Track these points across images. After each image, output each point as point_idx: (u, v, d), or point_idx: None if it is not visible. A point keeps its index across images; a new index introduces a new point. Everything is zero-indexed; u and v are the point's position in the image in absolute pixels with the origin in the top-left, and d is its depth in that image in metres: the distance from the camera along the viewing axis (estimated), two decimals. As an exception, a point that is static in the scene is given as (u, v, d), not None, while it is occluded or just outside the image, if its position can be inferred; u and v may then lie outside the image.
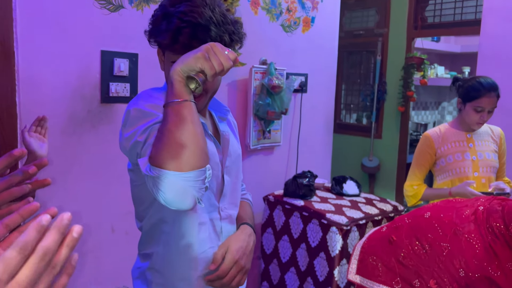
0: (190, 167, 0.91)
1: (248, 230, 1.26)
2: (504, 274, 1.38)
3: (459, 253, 1.47)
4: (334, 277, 2.27)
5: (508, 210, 1.48)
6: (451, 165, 2.34)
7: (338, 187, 2.72)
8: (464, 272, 1.44)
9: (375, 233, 1.85)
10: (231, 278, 1.15)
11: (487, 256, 1.41)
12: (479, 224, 1.49)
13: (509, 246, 1.42)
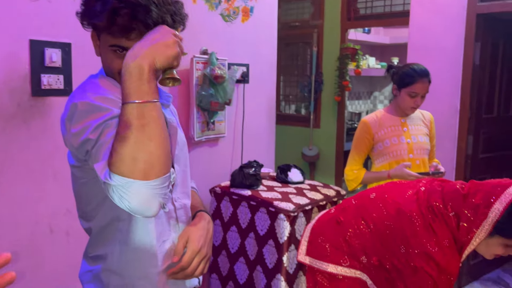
0: (156, 175, 0.85)
1: (206, 217, 1.24)
2: (441, 250, 1.46)
3: (401, 231, 1.54)
4: (283, 263, 2.30)
5: (447, 190, 1.57)
6: (388, 149, 2.45)
7: (283, 176, 2.75)
8: (404, 249, 1.51)
9: (324, 215, 1.90)
10: (195, 268, 1.12)
11: (426, 233, 1.49)
12: (420, 203, 1.57)
13: (446, 224, 1.51)
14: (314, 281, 1.80)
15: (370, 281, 1.63)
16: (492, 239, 1.45)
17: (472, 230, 1.45)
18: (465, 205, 1.47)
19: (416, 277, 1.46)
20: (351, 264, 1.68)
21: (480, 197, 1.45)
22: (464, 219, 1.47)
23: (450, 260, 1.45)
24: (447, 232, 1.48)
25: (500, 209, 1.40)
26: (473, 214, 1.45)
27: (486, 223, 1.42)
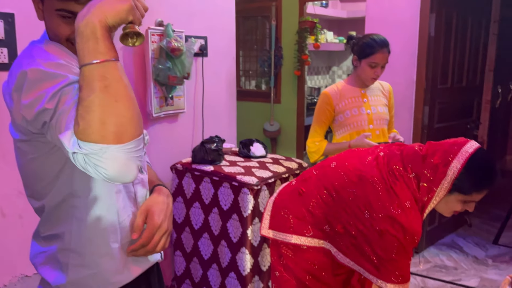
0: (130, 137, 0.81)
1: (165, 191, 1.19)
2: (404, 212, 1.49)
3: (364, 197, 1.55)
4: (248, 236, 2.30)
5: (406, 153, 1.60)
6: (348, 120, 2.47)
7: (246, 150, 2.73)
8: (368, 214, 1.53)
9: (286, 187, 1.89)
10: (156, 244, 1.08)
11: (388, 197, 1.52)
12: (380, 168, 1.59)
13: (407, 186, 1.54)
14: (279, 253, 1.81)
15: (334, 249, 1.65)
16: (451, 196, 1.49)
17: (432, 189, 1.49)
18: (424, 165, 1.51)
19: (382, 240, 1.48)
20: (315, 234, 1.69)
21: (438, 156, 1.48)
22: (424, 179, 1.50)
23: (413, 220, 1.49)
24: (408, 193, 1.52)
25: (458, 166, 1.44)
26: (432, 174, 1.48)
27: (445, 181, 1.46)
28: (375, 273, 1.52)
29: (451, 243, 3.83)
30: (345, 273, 1.71)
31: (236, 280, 2.38)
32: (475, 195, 1.48)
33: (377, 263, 1.50)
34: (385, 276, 1.50)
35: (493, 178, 1.48)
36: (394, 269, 1.48)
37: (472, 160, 1.45)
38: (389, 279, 1.49)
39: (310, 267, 1.72)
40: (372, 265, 1.52)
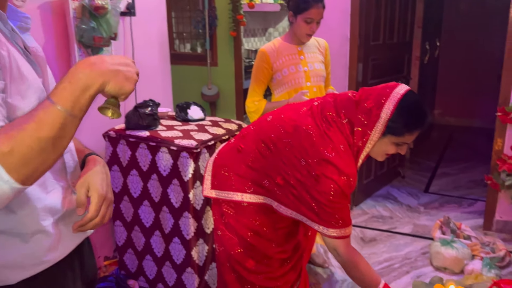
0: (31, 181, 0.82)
1: (99, 159, 1.11)
2: (338, 154, 1.51)
3: (299, 145, 1.56)
4: (190, 200, 2.25)
5: (339, 100, 1.61)
6: (286, 78, 2.45)
7: (183, 114, 2.64)
8: (304, 161, 1.54)
9: (225, 146, 1.86)
10: (104, 216, 1.01)
11: (322, 141, 1.53)
12: (314, 116, 1.60)
13: (340, 131, 1.55)
14: (220, 212, 1.79)
15: (275, 203, 1.65)
16: (384, 139, 1.53)
17: (366, 132, 1.51)
18: (358, 110, 1.53)
19: (319, 184, 1.50)
20: (255, 190, 1.69)
21: (371, 100, 1.51)
22: (358, 124, 1.52)
23: (347, 162, 1.51)
24: (342, 138, 1.53)
25: (391, 107, 1.47)
26: (366, 118, 1.51)
27: (379, 123, 1.49)
28: (316, 219, 1.54)
29: (386, 194, 4.03)
30: (286, 227, 1.73)
31: (180, 245, 2.34)
32: (407, 137, 1.53)
33: (317, 209, 1.52)
34: (325, 221, 1.53)
35: (424, 118, 1.52)
36: (334, 213, 1.51)
37: (403, 101, 1.48)
38: (330, 223, 1.52)
39: (251, 224, 1.72)
40: (312, 212, 1.54)
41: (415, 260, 2.92)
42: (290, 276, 1.80)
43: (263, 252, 1.73)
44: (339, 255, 1.59)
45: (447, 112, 6.62)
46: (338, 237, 1.55)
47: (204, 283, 2.40)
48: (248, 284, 1.76)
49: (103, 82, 0.84)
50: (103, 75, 0.84)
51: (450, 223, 3.07)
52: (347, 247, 1.58)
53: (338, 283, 2.69)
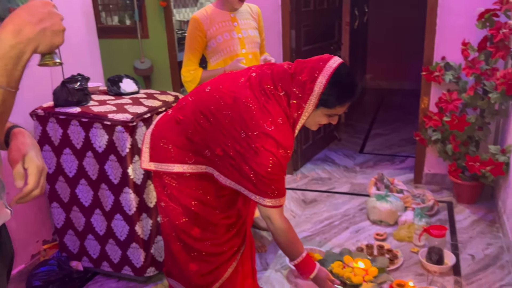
0: None
1: (26, 132, 1.07)
2: (277, 127, 1.54)
3: (239, 117, 1.57)
4: (129, 175, 2.21)
5: (276, 72, 1.63)
6: (221, 45, 2.43)
7: (115, 88, 2.54)
8: (244, 133, 1.55)
9: (162, 118, 1.83)
10: (43, 186, 0.99)
11: (262, 115, 1.55)
12: (253, 88, 1.61)
13: (278, 104, 1.58)
14: (162, 184, 1.77)
15: (216, 172, 1.67)
16: (317, 111, 1.58)
17: (301, 105, 1.55)
18: (293, 83, 1.56)
19: (259, 156, 1.52)
20: (196, 160, 1.68)
21: (305, 73, 1.54)
22: (294, 97, 1.56)
23: (285, 135, 1.55)
24: (280, 111, 1.56)
25: (323, 81, 1.52)
26: (301, 91, 1.54)
27: (312, 97, 1.53)
28: (254, 190, 1.58)
29: (324, 157, 4.18)
30: (228, 194, 1.75)
31: (123, 221, 2.30)
32: (339, 109, 1.59)
33: (255, 180, 1.56)
34: (262, 192, 1.57)
35: (354, 91, 1.58)
36: (270, 184, 1.55)
37: (336, 75, 1.53)
38: (266, 194, 1.57)
39: (194, 193, 1.72)
40: (250, 183, 1.58)
41: (353, 216, 3.07)
42: (235, 241, 1.83)
43: (208, 219, 1.74)
44: (272, 223, 1.65)
45: (378, 76, 6.90)
46: (273, 207, 1.61)
47: (150, 256, 2.38)
48: (195, 252, 1.78)
49: (33, 48, 0.83)
50: (30, 41, 0.82)
51: (383, 179, 3.25)
52: (280, 216, 1.65)
53: (283, 245, 2.79)
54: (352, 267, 2.34)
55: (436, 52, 3.18)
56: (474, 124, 3.01)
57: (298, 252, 1.71)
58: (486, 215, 3.02)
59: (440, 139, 3.21)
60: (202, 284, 1.81)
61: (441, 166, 3.42)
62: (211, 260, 1.79)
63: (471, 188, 3.11)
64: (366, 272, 2.29)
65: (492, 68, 2.88)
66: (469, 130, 3.02)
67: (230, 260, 1.82)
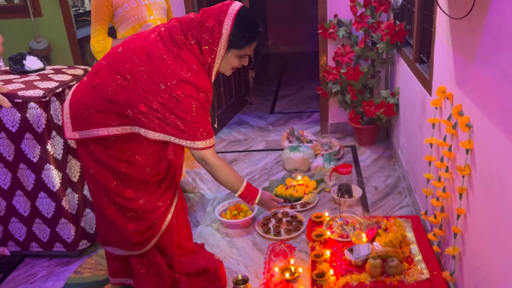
0: None
1: None
2: (193, 73, 1.66)
3: (156, 70, 1.66)
4: (49, 151, 2.19)
5: (184, 23, 1.72)
6: (129, 13, 2.45)
7: (19, 66, 2.45)
8: (164, 84, 1.65)
9: (78, 86, 1.84)
10: None
11: (177, 64, 1.65)
12: (164, 41, 1.70)
13: (191, 52, 1.69)
14: (88, 151, 1.81)
15: (142, 129, 1.73)
16: (228, 53, 1.71)
17: (213, 49, 1.68)
18: (202, 30, 1.67)
19: (181, 103, 1.64)
20: (120, 121, 1.74)
21: (212, 19, 1.66)
22: (205, 43, 1.67)
23: (203, 79, 1.68)
24: (193, 58, 1.68)
25: (230, 23, 1.65)
26: (210, 36, 1.66)
27: (222, 39, 1.66)
28: (183, 136, 1.69)
29: (238, 121, 4.37)
30: (157, 151, 1.83)
31: (48, 198, 2.29)
32: (247, 48, 1.73)
33: (183, 126, 1.67)
34: (192, 136, 1.69)
35: (258, 29, 1.73)
36: (198, 127, 1.68)
37: (239, 16, 1.67)
38: (196, 137, 1.69)
39: (122, 155, 1.79)
40: (179, 131, 1.68)
41: (271, 169, 3.32)
42: (167, 195, 1.94)
43: (140, 178, 1.82)
44: (207, 163, 1.78)
45: (279, 42, 7.20)
46: (205, 148, 1.73)
47: (81, 229, 2.40)
48: (131, 212, 1.85)
49: None
50: None
51: (294, 133, 3.52)
52: (214, 155, 1.78)
53: (209, 202, 2.95)
54: (294, 185, 2.58)
55: (329, 11, 3.47)
56: (366, 73, 3.37)
57: (239, 182, 1.85)
58: (384, 153, 3.44)
59: (339, 90, 3.55)
60: (141, 241, 1.91)
61: (342, 115, 3.78)
62: (147, 217, 1.88)
63: (369, 131, 3.51)
64: (306, 186, 2.55)
65: (377, 21, 3.22)
66: (363, 79, 3.37)
67: (164, 213, 1.93)
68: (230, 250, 2.46)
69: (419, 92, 2.49)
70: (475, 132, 1.60)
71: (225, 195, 2.98)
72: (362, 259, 1.96)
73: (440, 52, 2.07)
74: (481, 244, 1.58)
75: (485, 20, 1.43)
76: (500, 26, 1.32)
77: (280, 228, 2.54)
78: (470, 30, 1.61)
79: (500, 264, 1.42)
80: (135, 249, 1.94)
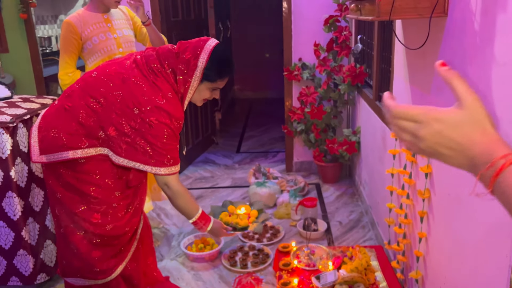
0: None
1: None
2: (167, 101, 1.72)
3: (130, 95, 1.70)
4: (12, 178, 2.14)
5: (161, 53, 1.80)
6: (98, 46, 2.50)
7: (-16, 93, 2.42)
8: (138, 109, 1.69)
9: (48, 110, 1.85)
10: None
11: (152, 90, 1.71)
12: (140, 68, 1.76)
13: (167, 80, 1.75)
14: (56, 175, 1.79)
15: (111, 152, 1.75)
16: (202, 85, 1.79)
17: (187, 80, 1.75)
18: (178, 61, 1.75)
19: (153, 129, 1.67)
20: (90, 143, 1.75)
21: (189, 52, 1.74)
22: (180, 73, 1.75)
23: (176, 107, 1.73)
24: (168, 86, 1.74)
25: (205, 57, 1.74)
26: (186, 67, 1.74)
27: (197, 71, 1.74)
28: (150, 162, 1.71)
29: (205, 159, 4.40)
30: (125, 175, 1.83)
31: (7, 228, 2.20)
32: (219, 82, 1.82)
33: (151, 152, 1.70)
34: (158, 162, 1.72)
35: (231, 65, 1.84)
36: (166, 153, 1.71)
37: (215, 52, 1.77)
38: (162, 163, 1.72)
39: (92, 178, 1.78)
40: (147, 156, 1.71)
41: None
42: (134, 220, 1.92)
43: (108, 201, 1.81)
44: (169, 188, 1.82)
45: (245, 87, 7.41)
46: (169, 174, 1.77)
47: (40, 262, 2.30)
48: (98, 238, 1.82)
49: None
50: None
51: (261, 169, 3.58)
52: (177, 182, 1.83)
53: (174, 236, 2.91)
54: (236, 214, 2.63)
55: (294, 55, 3.65)
56: (329, 113, 3.53)
57: (195, 210, 1.92)
58: (347, 190, 3.54)
59: (304, 129, 3.67)
60: (106, 269, 1.86)
61: (307, 154, 3.89)
62: (114, 243, 1.85)
63: (333, 168, 3.62)
64: (248, 215, 2.60)
65: (339, 64, 3.43)
66: (326, 119, 3.52)
67: (131, 240, 1.90)
68: (195, 283, 2.41)
69: (379, 127, 2.64)
70: (433, 157, 1.71)
71: (191, 230, 2.95)
72: (329, 285, 1.98)
73: (398, 88, 2.22)
74: (441, 264, 1.65)
75: (438, 53, 1.58)
76: (451, 58, 1.47)
77: (246, 261, 2.53)
78: (425, 64, 1.76)
79: (458, 280, 1.48)
80: (99, 277, 1.88)
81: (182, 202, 1.86)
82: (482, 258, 1.31)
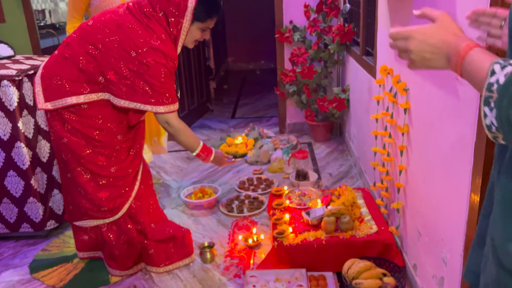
0: None
1: None
2: (162, 42, 1.83)
3: (127, 39, 1.82)
4: (20, 129, 2.27)
5: None
6: (103, 3, 2.61)
7: (-11, 52, 2.54)
8: (135, 52, 1.81)
9: (49, 59, 1.95)
10: None
11: (147, 33, 1.83)
12: (134, 14, 1.86)
13: (159, 23, 1.86)
14: (62, 121, 1.92)
15: (112, 96, 1.88)
16: (193, 26, 1.91)
17: (179, 21, 1.87)
18: (169, 4, 1.86)
19: (151, 69, 1.80)
20: (91, 89, 1.87)
21: None
22: (171, 15, 1.86)
23: (170, 47, 1.86)
24: (161, 28, 1.86)
25: None
26: (177, 9, 1.85)
27: (187, 12, 1.86)
28: (149, 102, 1.85)
29: (200, 125, 4.53)
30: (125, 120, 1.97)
31: (17, 177, 2.35)
32: (209, 22, 1.94)
33: (150, 91, 1.83)
34: (158, 101, 1.85)
35: (219, 5, 1.95)
36: (164, 92, 1.85)
37: None
38: (162, 102, 1.86)
39: (95, 123, 1.91)
40: (146, 96, 1.84)
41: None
42: (135, 162, 2.07)
43: (111, 144, 1.95)
44: (170, 125, 1.95)
45: (238, 59, 7.50)
46: (169, 112, 1.90)
47: (49, 209, 2.46)
48: (104, 179, 1.97)
49: None
50: None
51: (255, 129, 3.73)
52: (176, 119, 1.96)
53: (174, 189, 3.07)
54: (235, 144, 2.81)
55: (285, 17, 3.76)
56: (320, 73, 3.66)
57: (197, 143, 2.06)
58: (338, 147, 3.70)
59: (296, 91, 3.81)
60: (113, 208, 2.01)
61: (299, 116, 4.04)
62: (119, 184, 2.00)
63: (324, 127, 3.77)
64: (245, 144, 2.76)
65: (328, 25, 3.54)
66: (317, 79, 3.65)
67: (134, 180, 2.06)
68: (195, 226, 2.58)
69: (366, 80, 2.78)
70: (411, 93, 1.86)
71: (189, 184, 3.11)
72: (318, 218, 2.15)
73: (381, 38, 2.36)
74: (417, 191, 1.82)
75: (413, -7, 1.72)
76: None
77: (243, 207, 2.70)
78: (403, 7, 1.90)
79: (431, 199, 1.65)
80: (107, 216, 2.03)
81: (184, 137, 2.00)
82: (447, 173, 1.48)
